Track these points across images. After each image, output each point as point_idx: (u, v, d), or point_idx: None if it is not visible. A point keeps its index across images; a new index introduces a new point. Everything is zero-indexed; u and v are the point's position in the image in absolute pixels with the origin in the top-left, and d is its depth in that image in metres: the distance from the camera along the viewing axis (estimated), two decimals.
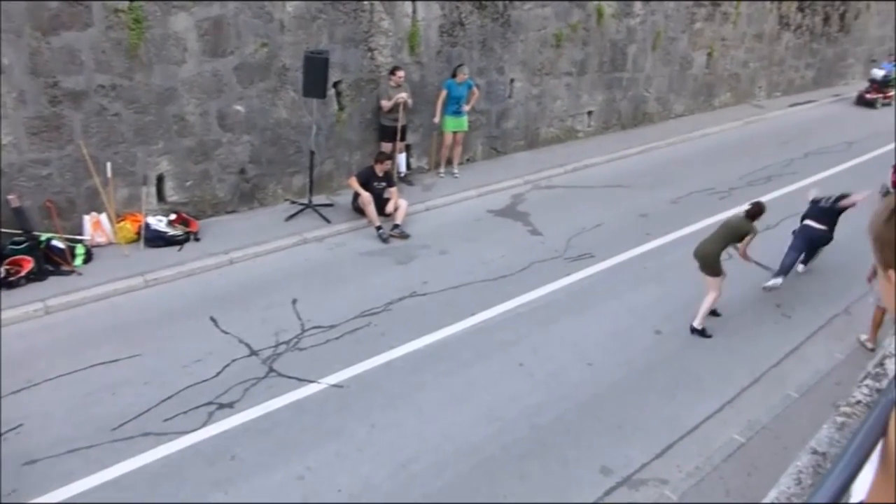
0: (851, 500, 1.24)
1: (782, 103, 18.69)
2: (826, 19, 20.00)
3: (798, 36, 19.23)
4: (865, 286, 8.02)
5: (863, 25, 21.74)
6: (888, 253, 1.18)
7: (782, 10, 18.22)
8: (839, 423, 2.12)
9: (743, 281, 8.84)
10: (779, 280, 8.40)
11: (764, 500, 2.04)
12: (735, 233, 7.65)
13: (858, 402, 2.17)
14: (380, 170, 9.67)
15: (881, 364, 2.30)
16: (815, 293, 8.75)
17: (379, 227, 9.45)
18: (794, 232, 8.90)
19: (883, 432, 1.20)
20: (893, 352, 2.29)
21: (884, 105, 19.11)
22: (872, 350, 7.34)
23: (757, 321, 8.10)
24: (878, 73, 19.47)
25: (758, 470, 5.72)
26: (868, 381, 2.24)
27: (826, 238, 8.80)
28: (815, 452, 2.03)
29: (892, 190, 9.41)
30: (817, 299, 8.61)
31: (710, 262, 7.56)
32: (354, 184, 9.64)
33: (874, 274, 8.30)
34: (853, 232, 9.65)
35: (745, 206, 7.91)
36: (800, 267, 9.10)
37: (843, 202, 8.58)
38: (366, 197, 9.48)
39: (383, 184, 9.77)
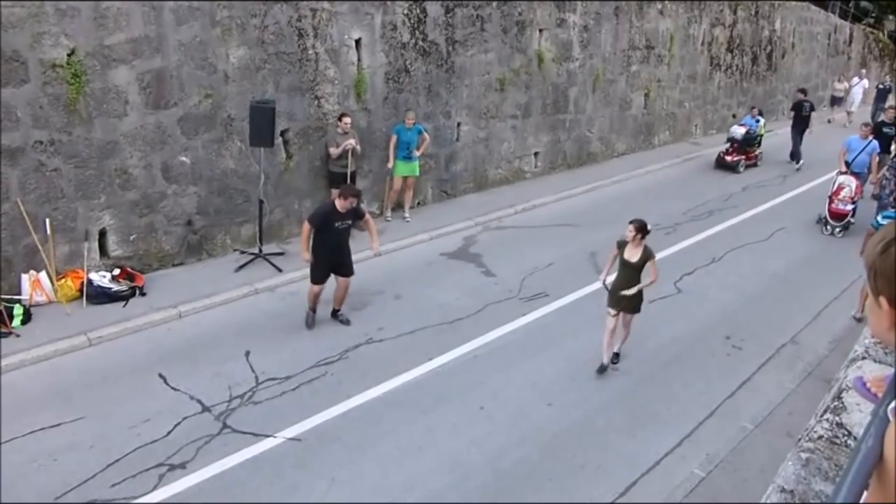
0: None
1: (718, 140, 19.34)
2: (754, 59, 20.98)
3: (729, 76, 20.09)
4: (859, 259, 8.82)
5: (789, 64, 22.88)
6: (881, 282, 1.25)
7: (713, 52, 19.04)
8: (804, 459, 2.13)
9: (694, 315, 9.02)
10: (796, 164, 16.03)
11: None
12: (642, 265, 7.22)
13: (821, 437, 2.20)
14: (342, 206, 7.87)
15: (839, 397, 2.34)
16: (763, 325, 8.96)
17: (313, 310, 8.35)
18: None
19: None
20: (850, 385, 2.33)
21: (748, 167, 16.38)
22: (860, 320, 8.59)
23: (709, 354, 8.23)
24: (739, 130, 16.40)
25: None
26: (828, 416, 2.27)
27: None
28: (783, 490, 2.04)
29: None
30: (765, 331, 8.81)
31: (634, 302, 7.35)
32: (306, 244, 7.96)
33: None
34: (795, 262, 10.03)
35: (631, 232, 7.14)
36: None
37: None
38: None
39: (347, 222, 8.06)
